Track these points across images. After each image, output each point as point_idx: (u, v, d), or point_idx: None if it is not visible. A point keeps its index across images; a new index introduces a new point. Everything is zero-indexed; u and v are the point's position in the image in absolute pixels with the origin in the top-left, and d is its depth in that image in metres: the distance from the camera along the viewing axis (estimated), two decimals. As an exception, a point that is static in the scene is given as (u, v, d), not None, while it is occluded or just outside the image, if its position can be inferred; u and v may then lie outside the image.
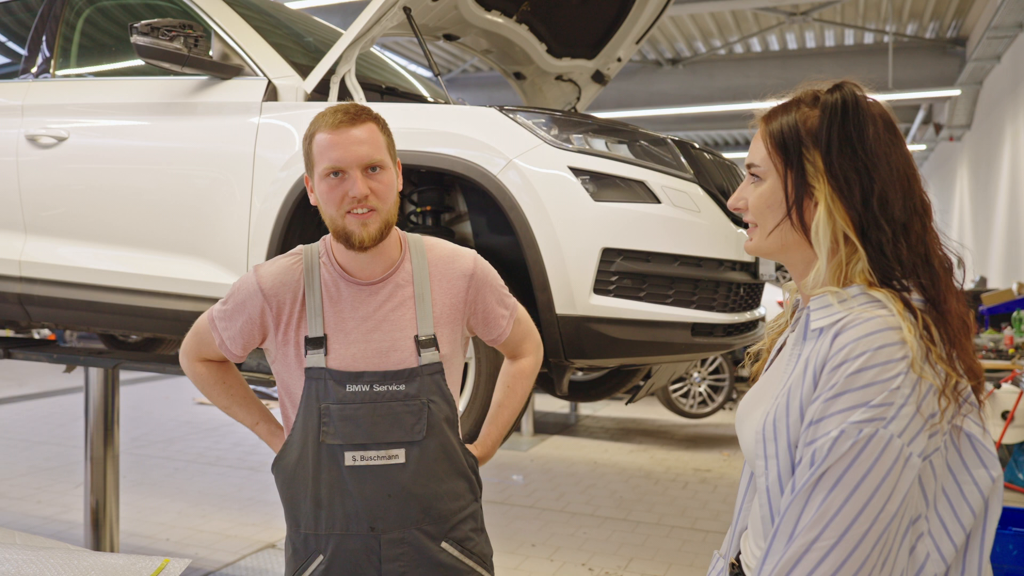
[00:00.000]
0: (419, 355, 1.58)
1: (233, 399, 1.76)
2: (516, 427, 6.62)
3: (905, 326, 0.97)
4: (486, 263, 1.71)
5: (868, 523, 0.93)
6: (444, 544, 1.60)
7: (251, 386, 1.87)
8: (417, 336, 1.59)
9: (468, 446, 1.71)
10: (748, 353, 1.33)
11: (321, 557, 1.58)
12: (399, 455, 1.57)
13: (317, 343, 1.56)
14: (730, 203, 1.17)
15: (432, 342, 1.60)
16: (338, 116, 1.53)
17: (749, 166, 1.15)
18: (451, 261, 1.67)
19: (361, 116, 1.54)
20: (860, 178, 1.04)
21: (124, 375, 8.99)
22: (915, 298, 1.03)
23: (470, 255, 1.70)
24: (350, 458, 1.56)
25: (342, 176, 1.52)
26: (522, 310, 1.80)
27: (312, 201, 1.60)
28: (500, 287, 1.73)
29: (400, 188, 1.61)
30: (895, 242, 1.03)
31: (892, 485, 0.93)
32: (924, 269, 1.04)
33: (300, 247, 1.66)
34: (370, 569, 1.57)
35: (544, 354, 1.99)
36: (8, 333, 4.01)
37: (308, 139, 1.55)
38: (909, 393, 0.95)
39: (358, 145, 1.51)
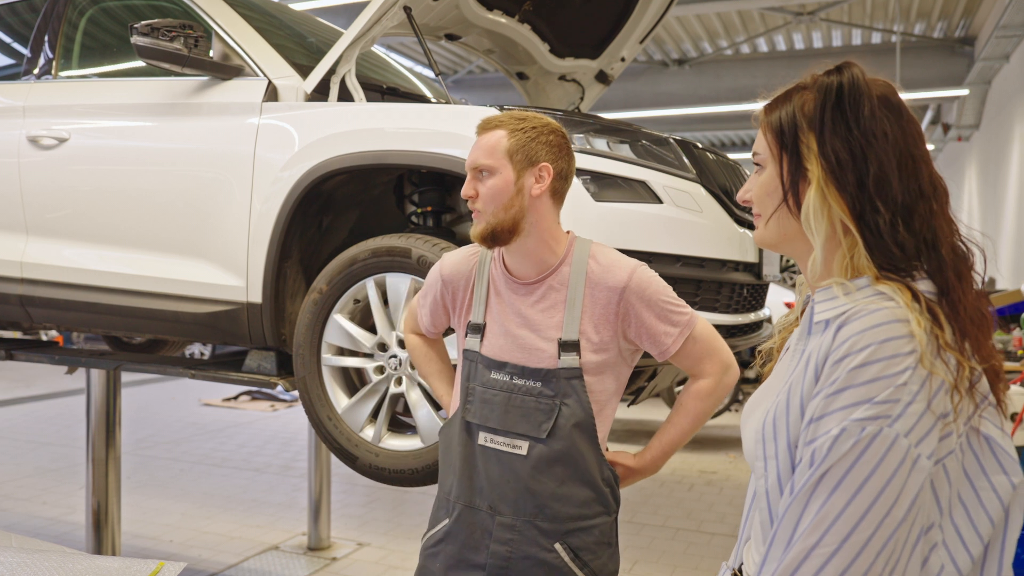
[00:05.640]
0: (559, 358, 1.63)
1: (431, 369, 1.96)
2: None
3: (913, 318, 0.91)
4: (648, 278, 1.67)
5: (872, 528, 0.87)
6: (557, 545, 1.63)
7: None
8: (560, 339, 1.63)
9: (626, 453, 1.77)
10: (759, 352, 1.28)
11: (447, 520, 1.71)
12: (522, 447, 1.64)
13: (477, 329, 1.72)
14: (739, 196, 1.14)
15: (574, 347, 1.63)
16: (479, 124, 1.70)
17: (753, 155, 1.12)
18: (606, 272, 1.67)
19: (489, 124, 1.68)
20: (854, 159, 0.99)
21: (131, 376, 9.00)
22: (927, 290, 0.97)
23: (627, 268, 1.67)
24: (483, 438, 1.68)
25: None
26: (702, 328, 1.72)
27: None
28: (663, 302, 1.67)
29: (533, 191, 1.66)
30: (892, 225, 0.97)
31: (899, 488, 0.87)
32: (930, 255, 0.98)
33: None
34: (481, 544, 1.66)
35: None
36: (15, 334, 4.02)
37: None
38: (917, 390, 0.89)
39: (475, 150, 1.67)
